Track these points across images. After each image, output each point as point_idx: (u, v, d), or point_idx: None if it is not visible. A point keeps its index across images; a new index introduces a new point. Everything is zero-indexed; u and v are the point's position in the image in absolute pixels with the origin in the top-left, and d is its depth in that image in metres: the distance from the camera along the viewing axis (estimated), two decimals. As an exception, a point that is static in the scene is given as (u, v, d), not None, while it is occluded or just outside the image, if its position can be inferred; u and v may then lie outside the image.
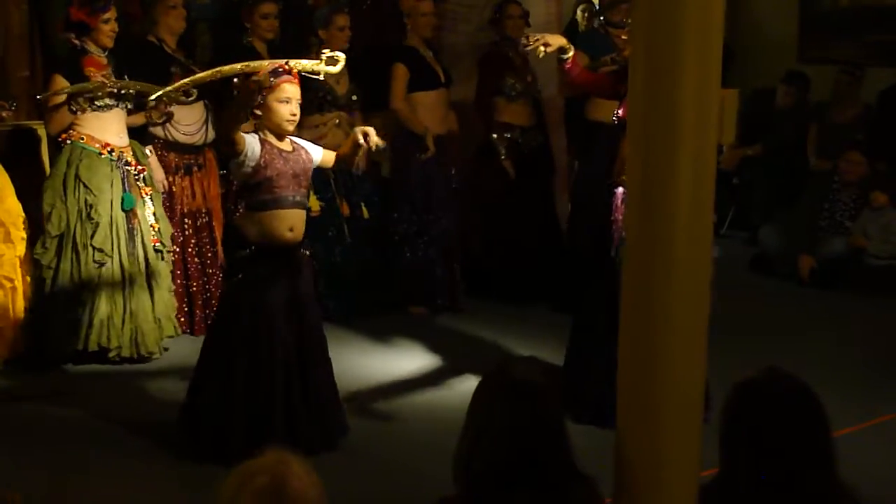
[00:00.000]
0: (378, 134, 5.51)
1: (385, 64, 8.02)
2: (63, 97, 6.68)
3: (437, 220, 8.08)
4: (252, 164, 5.29)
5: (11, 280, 6.70)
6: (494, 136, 8.28)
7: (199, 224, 7.47)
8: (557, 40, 6.07)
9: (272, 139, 5.40)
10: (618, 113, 5.81)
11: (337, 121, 7.78)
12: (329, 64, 5.69)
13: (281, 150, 5.39)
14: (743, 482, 3.06)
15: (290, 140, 5.51)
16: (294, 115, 5.42)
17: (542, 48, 5.99)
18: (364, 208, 7.98)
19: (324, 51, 5.80)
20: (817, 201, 9.51)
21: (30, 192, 6.91)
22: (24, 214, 6.81)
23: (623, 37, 5.74)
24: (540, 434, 3.06)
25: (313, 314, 5.60)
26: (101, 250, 6.70)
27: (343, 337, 7.39)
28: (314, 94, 7.64)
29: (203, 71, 7.20)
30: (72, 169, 6.71)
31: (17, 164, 6.89)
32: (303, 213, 5.50)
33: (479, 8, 8.96)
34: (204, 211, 7.49)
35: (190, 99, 6.93)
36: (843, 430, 5.12)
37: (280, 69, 5.35)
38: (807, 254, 9.11)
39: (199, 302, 7.45)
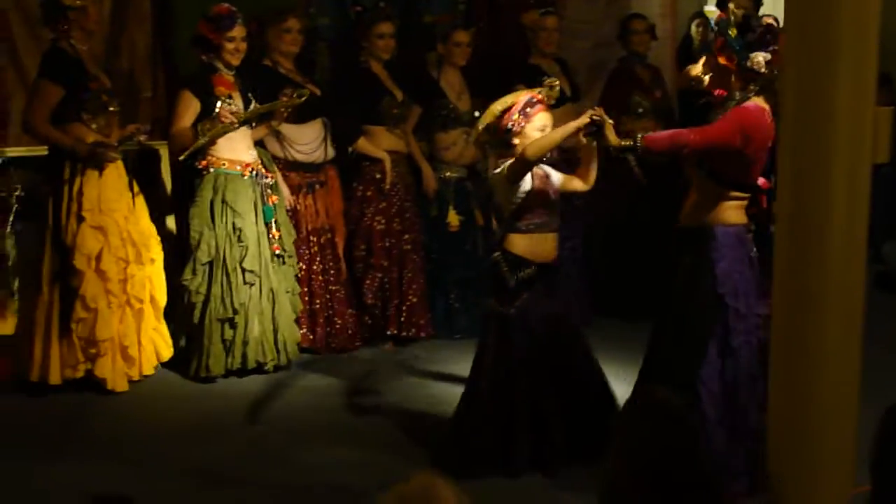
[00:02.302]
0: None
1: (507, 82, 8.00)
2: (186, 116, 6.79)
3: (565, 238, 7.99)
4: (525, 190, 5.45)
5: (141, 301, 6.81)
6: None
7: (322, 241, 7.53)
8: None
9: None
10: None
11: (465, 136, 7.80)
12: (552, 92, 5.66)
13: (541, 176, 5.53)
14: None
15: (542, 167, 5.61)
16: None
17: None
18: (495, 220, 7.98)
19: (549, 79, 5.76)
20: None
21: (154, 212, 7.05)
22: (157, 236, 6.96)
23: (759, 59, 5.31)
24: (686, 456, 3.02)
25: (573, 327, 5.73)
26: (251, 271, 6.85)
27: (467, 353, 7.40)
28: (437, 112, 7.66)
29: (315, 90, 7.33)
30: (218, 196, 6.84)
31: (142, 185, 6.99)
32: (555, 234, 5.61)
33: (595, 24, 8.91)
34: (327, 228, 7.55)
35: (303, 98, 6.98)
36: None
37: (533, 99, 5.44)
38: (933, 271, 8.92)
39: (321, 319, 7.51)
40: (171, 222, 7.76)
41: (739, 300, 4.90)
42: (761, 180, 4.98)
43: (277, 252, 7.02)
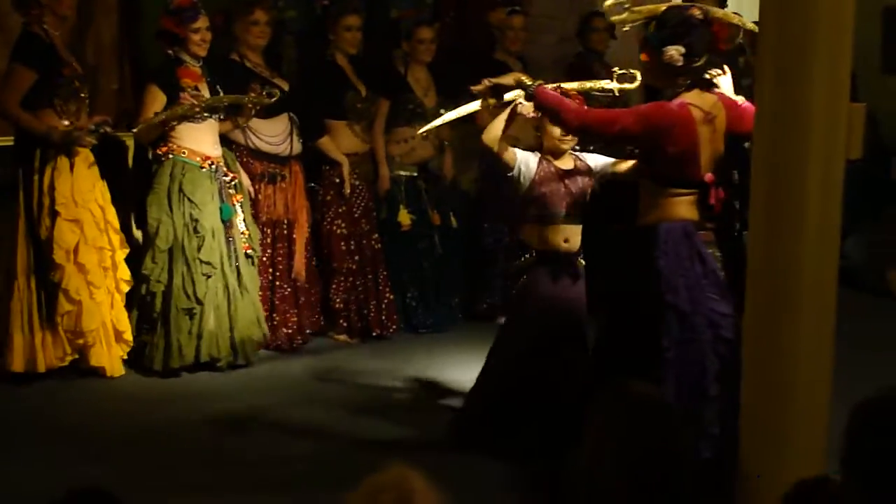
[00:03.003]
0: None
1: (473, 77, 7.99)
2: (153, 111, 6.75)
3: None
4: (527, 181, 5.60)
5: (127, 283, 6.84)
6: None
7: (276, 234, 7.47)
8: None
9: (549, 157, 5.67)
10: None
11: (425, 133, 7.79)
12: (624, 81, 5.68)
13: (558, 170, 5.64)
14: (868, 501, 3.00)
15: (574, 158, 5.72)
16: (566, 135, 5.57)
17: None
18: (453, 218, 8.00)
19: (615, 69, 5.77)
20: (905, 213, 9.40)
21: (118, 201, 7.00)
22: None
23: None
24: (664, 451, 3.01)
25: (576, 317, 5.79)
26: (208, 263, 6.79)
27: (434, 349, 7.42)
28: (403, 107, 7.66)
29: (283, 84, 7.31)
30: (175, 183, 6.79)
31: (108, 176, 6.95)
32: (578, 226, 5.70)
33: (561, 19, 8.92)
34: (283, 222, 7.50)
35: (273, 99, 6.97)
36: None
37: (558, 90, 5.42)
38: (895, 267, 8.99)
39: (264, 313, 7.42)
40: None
41: (681, 297, 4.84)
42: (707, 175, 4.96)
43: (248, 252, 6.99)
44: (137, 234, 7.28)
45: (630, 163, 5.64)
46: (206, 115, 6.85)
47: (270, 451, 5.75)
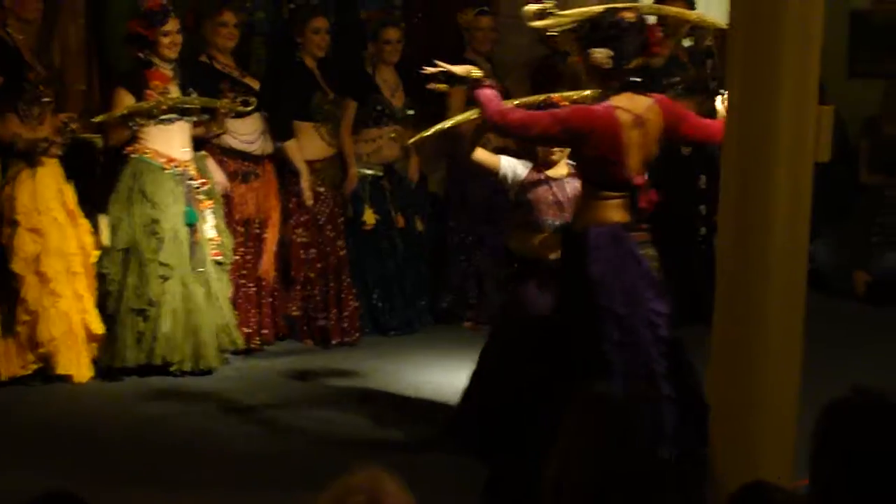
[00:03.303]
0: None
1: (443, 78, 7.99)
2: (122, 112, 6.71)
3: (497, 233, 7.98)
4: (515, 187, 5.66)
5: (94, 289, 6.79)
6: None
7: (247, 233, 7.46)
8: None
9: (542, 167, 5.69)
10: None
11: (393, 134, 7.80)
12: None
13: (548, 178, 5.65)
14: (836, 502, 3.02)
15: (571, 166, 5.67)
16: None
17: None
18: (419, 222, 7.99)
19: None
20: (870, 216, 9.44)
21: (88, 203, 6.97)
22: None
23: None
24: (631, 451, 3.03)
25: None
26: (165, 265, 6.72)
27: (397, 351, 7.42)
28: (371, 108, 7.66)
29: (253, 83, 7.30)
30: (136, 183, 6.76)
31: (77, 177, 6.92)
32: (549, 235, 5.64)
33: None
34: (255, 221, 7.48)
35: (249, 108, 6.96)
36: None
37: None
38: (862, 269, 9.04)
39: None
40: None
41: (616, 301, 4.81)
42: (638, 178, 4.94)
43: (219, 259, 6.95)
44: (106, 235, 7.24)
45: None
46: (174, 116, 6.80)
47: (237, 452, 5.75)
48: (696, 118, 5.17)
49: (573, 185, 5.61)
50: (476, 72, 5.28)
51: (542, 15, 5.23)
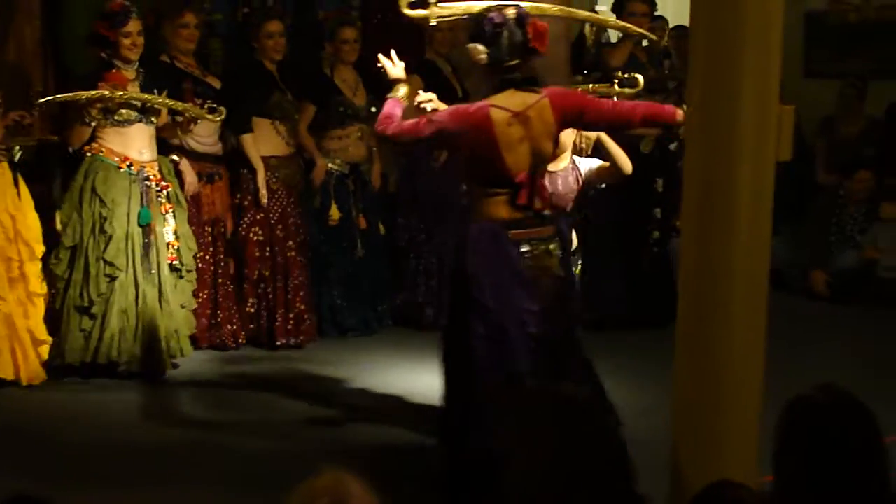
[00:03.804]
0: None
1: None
2: (74, 113, 6.66)
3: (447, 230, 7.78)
4: None
5: (41, 295, 6.70)
6: None
7: (216, 232, 7.49)
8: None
9: None
10: None
11: (359, 133, 7.79)
12: (625, 86, 5.72)
13: (549, 172, 5.41)
14: (799, 498, 3.04)
15: (571, 161, 5.65)
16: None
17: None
18: (381, 225, 7.98)
19: (618, 73, 5.78)
20: (826, 215, 9.52)
21: (50, 204, 6.95)
22: (41, 227, 6.78)
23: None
24: (594, 453, 3.01)
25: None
26: (112, 264, 6.67)
27: (358, 352, 7.43)
28: (334, 108, 7.65)
29: (215, 82, 7.28)
30: (88, 181, 6.72)
31: (39, 178, 6.86)
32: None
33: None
34: (221, 220, 7.51)
35: (219, 118, 6.94)
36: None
37: None
38: (820, 268, 9.12)
39: (207, 311, 7.42)
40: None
41: (486, 295, 4.85)
42: (520, 175, 4.93)
43: (174, 263, 6.90)
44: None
45: (598, 164, 5.70)
46: (133, 116, 6.74)
47: (199, 453, 5.73)
48: (602, 103, 5.18)
49: (566, 179, 5.63)
50: (403, 84, 5.20)
51: (419, 4, 5.17)
